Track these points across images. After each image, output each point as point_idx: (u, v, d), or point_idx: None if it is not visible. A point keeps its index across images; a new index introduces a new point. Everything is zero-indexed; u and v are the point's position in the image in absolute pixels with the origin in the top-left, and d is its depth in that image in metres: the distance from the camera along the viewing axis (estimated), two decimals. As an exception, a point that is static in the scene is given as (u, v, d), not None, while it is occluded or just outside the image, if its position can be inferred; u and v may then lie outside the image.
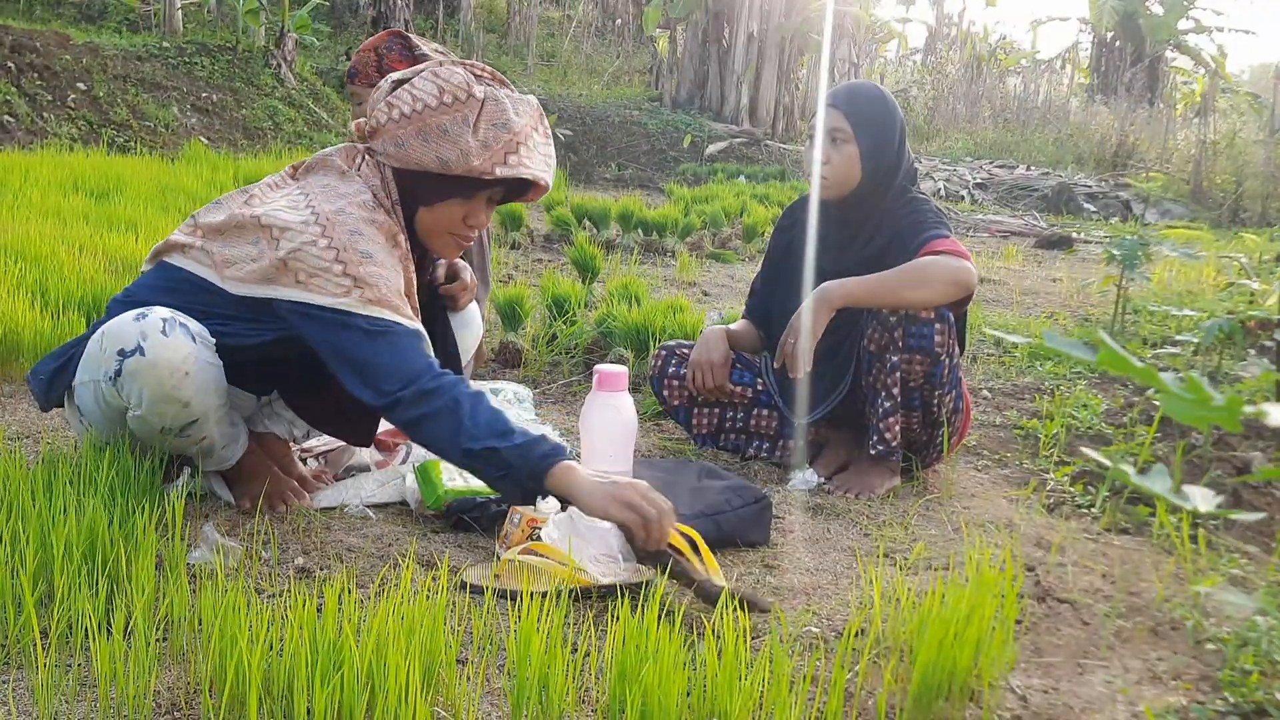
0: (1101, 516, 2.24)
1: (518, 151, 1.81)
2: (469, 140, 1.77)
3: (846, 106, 2.37)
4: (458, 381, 1.72)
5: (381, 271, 1.74)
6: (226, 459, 1.94)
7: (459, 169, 1.78)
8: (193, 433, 1.82)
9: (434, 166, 1.78)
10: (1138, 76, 19.11)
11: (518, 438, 1.66)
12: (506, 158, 1.79)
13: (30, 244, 3.60)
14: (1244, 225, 10.98)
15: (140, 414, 1.76)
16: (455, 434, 1.66)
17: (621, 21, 19.99)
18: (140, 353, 1.71)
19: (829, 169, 2.38)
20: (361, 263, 1.72)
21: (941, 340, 2.24)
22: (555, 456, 1.66)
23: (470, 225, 1.90)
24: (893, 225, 2.37)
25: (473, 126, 1.77)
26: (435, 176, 1.81)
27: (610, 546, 1.71)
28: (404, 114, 1.80)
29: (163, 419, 1.77)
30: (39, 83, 9.15)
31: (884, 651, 1.51)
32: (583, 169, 11.98)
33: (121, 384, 1.73)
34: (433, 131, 1.78)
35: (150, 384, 1.72)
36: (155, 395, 1.73)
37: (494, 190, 1.88)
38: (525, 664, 1.29)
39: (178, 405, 1.75)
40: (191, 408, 1.77)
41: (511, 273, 5.12)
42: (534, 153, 1.84)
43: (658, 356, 2.62)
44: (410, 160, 1.80)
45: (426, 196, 1.84)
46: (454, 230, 1.89)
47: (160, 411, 1.75)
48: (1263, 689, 1.47)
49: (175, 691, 1.31)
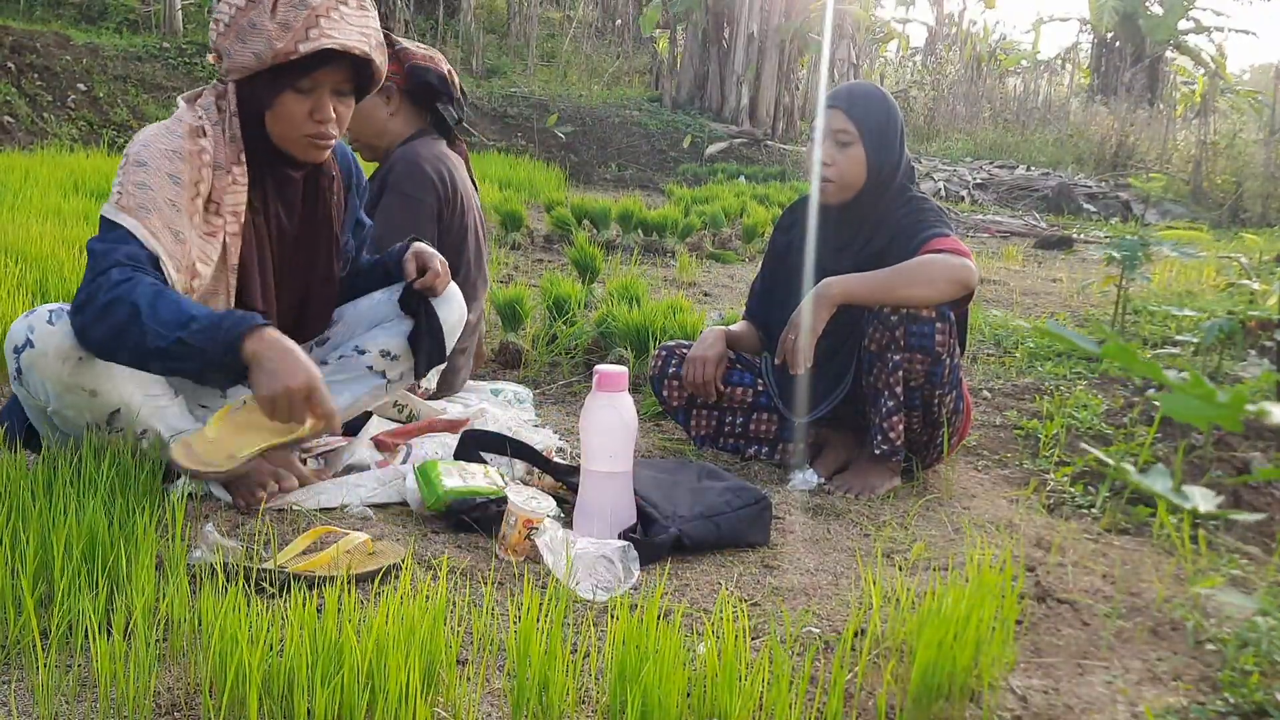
0: (1102, 517, 2.24)
1: (318, 24, 1.81)
2: (270, 25, 1.79)
3: (850, 108, 2.37)
4: (137, 283, 1.69)
5: (144, 182, 1.78)
6: (184, 438, 1.93)
7: (269, 57, 1.80)
8: (121, 424, 1.83)
9: (253, 64, 1.82)
10: (1138, 77, 19.11)
11: (202, 320, 1.67)
12: (308, 32, 1.80)
13: (30, 244, 3.60)
14: (1244, 225, 10.99)
15: (56, 409, 1.77)
16: (141, 339, 1.65)
17: (622, 22, 19.99)
18: (29, 345, 1.74)
19: (834, 171, 2.37)
20: (128, 175, 1.79)
21: (942, 339, 2.24)
22: (243, 325, 1.68)
23: (318, 120, 1.89)
24: (893, 224, 2.37)
25: (270, 11, 1.80)
26: (262, 75, 1.84)
27: (613, 575, 1.72)
28: (225, 24, 1.86)
29: (79, 412, 1.78)
30: (39, 83, 9.16)
31: (884, 652, 1.51)
32: (583, 169, 11.97)
33: (26, 381, 1.76)
34: (245, 30, 1.82)
35: (48, 374, 1.74)
36: (56, 386, 1.75)
37: (317, 74, 1.86)
38: (525, 664, 1.29)
39: (84, 394, 1.77)
40: (100, 396, 1.79)
41: (511, 273, 5.11)
42: (341, 23, 1.84)
43: (658, 357, 2.62)
44: (237, 66, 1.84)
45: (263, 99, 1.87)
46: (305, 130, 1.90)
47: (71, 403, 1.77)
48: (1263, 689, 1.47)
49: (175, 692, 1.31)
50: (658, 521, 1.90)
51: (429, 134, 2.74)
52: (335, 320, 2.23)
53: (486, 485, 2.00)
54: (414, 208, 2.58)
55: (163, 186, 1.81)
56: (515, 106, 12.94)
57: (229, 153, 1.89)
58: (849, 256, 2.39)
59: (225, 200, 1.89)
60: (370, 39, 1.88)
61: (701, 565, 1.87)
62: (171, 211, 1.81)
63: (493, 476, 2.05)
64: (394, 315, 2.22)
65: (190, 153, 1.85)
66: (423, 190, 2.59)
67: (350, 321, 2.24)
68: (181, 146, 1.85)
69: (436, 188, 2.61)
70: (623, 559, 1.74)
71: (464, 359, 2.79)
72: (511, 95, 13.25)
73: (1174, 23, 18.95)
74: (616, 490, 1.90)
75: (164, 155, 1.83)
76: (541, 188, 8.81)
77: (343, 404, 2.29)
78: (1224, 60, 19.82)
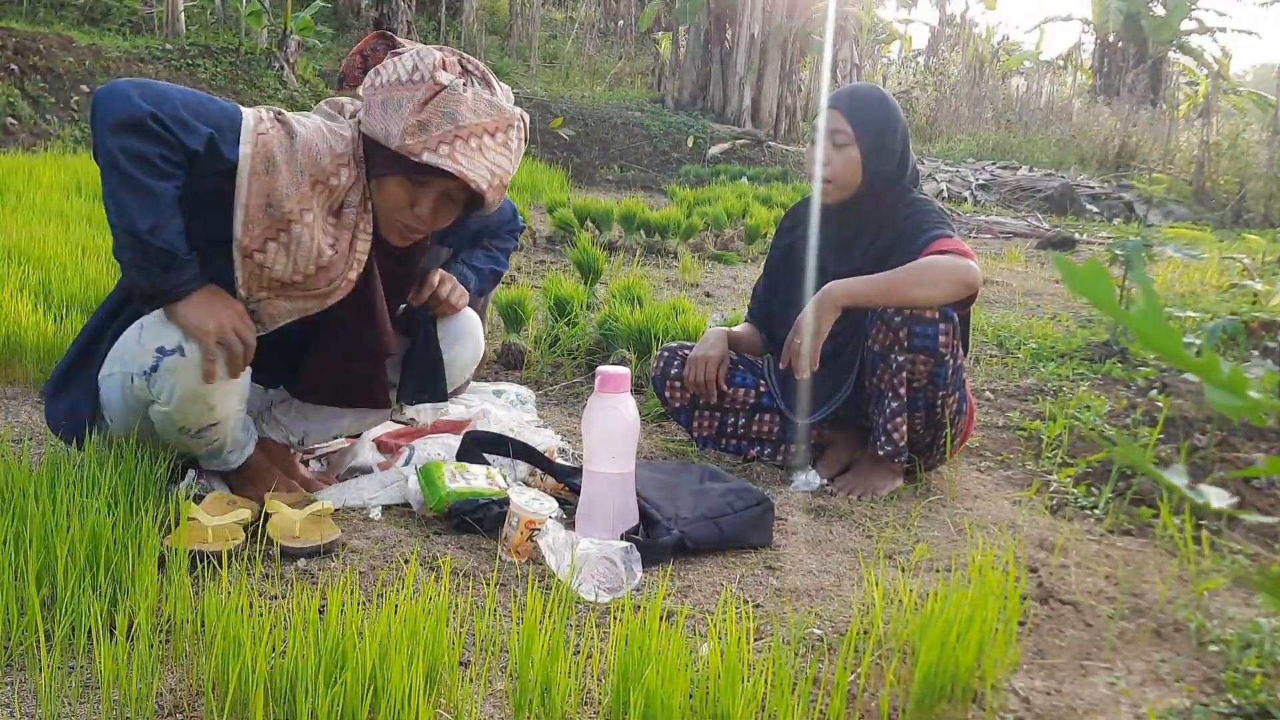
0: (1104, 518, 2.24)
1: (452, 144, 1.77)
2: (411, 118, 1.77)
3: (848, 109, 2.37)
4: (170, 180, 1.66)
5: (294, 132, 1.77)
6: (231, 462, 1.95)
7: (395, 143, 1.77)
8: (209, 435, 1.85)
9: (380, 136, 1.79)
10: (1140, 77, 19.10)
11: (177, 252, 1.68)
12: (439, 146, 1.77)
13: (33, 246, 3.60)
14: (1247, 226, 10.98)
15: (166, 410, 1.78)
16: (131, 217, 1.64)
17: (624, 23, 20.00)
18: (180, 353, 1.73)
19: (830, 171, 2.38)
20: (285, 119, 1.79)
21: (946, 340, 2.24)
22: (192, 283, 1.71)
23: (417, 215, 1.86)
24: (896, 227, 2.37)
25: (418, 106, 1.77)
26: (380, 147, 1.81)
27: (615, 576, 1.72)
28: (380, 83, 1.82)
29: (185, 419, 1.79)
30: (42, 85, 9.17)
31: (886, 653, 1.50)
32: (585, 170, 11.98)
33: (155, 379, 1.75)
34: (391, 104, 1.79)
35: (185, 383, 1.75)
36: (185, 394, 1.76)
37: (431, 179, 1.83)
38: (528, 666, 1.29)
39: (204, 406, 1.79)
40: (216, 411, 1.81)
41: (514, 274, 5.12)
42: (475, 154, 1.80)
43: (660, 358, 2.62)
44: (369, 126, 1.82)
45: (375, 166, 1.84)
46: (398, 214, 1.87)
47: (185, 411, 1.78)
48: (1266, 691, 1.46)
49: (178, 693, 1.32)
50: (660, 523, 1.90)
51: None
52: None
53: (489, 486, 2.01)
54: None
55: (301, 162, 1.78)
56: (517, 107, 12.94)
57: (360, 197, 1.86)
58: (852, 259, 2.38)
59: (357, 245, 1.87)
60: (496, 179, 1.84)
61: (704, 566, 1.87)
62: (293, 176, 1.76)
63: (495, 478, 2.06)
64: (401, 350, 2.15)
65: (336, 170, 1.81)
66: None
67: None
68: (334, 159, 1.81)
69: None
70: (625, 560, 1.74)
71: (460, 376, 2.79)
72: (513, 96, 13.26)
73: (1177, 23, 18.95)
74: (619, 491, 1.90)
75: (320, 144, 1.79)
76: (544, 189, 8.82)
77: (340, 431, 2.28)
78: (1227, 61, 19.81)
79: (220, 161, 1.70)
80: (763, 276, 2.66)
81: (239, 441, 1.95)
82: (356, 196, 1.84)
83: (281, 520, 1.79)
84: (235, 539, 1.73)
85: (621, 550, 1.75)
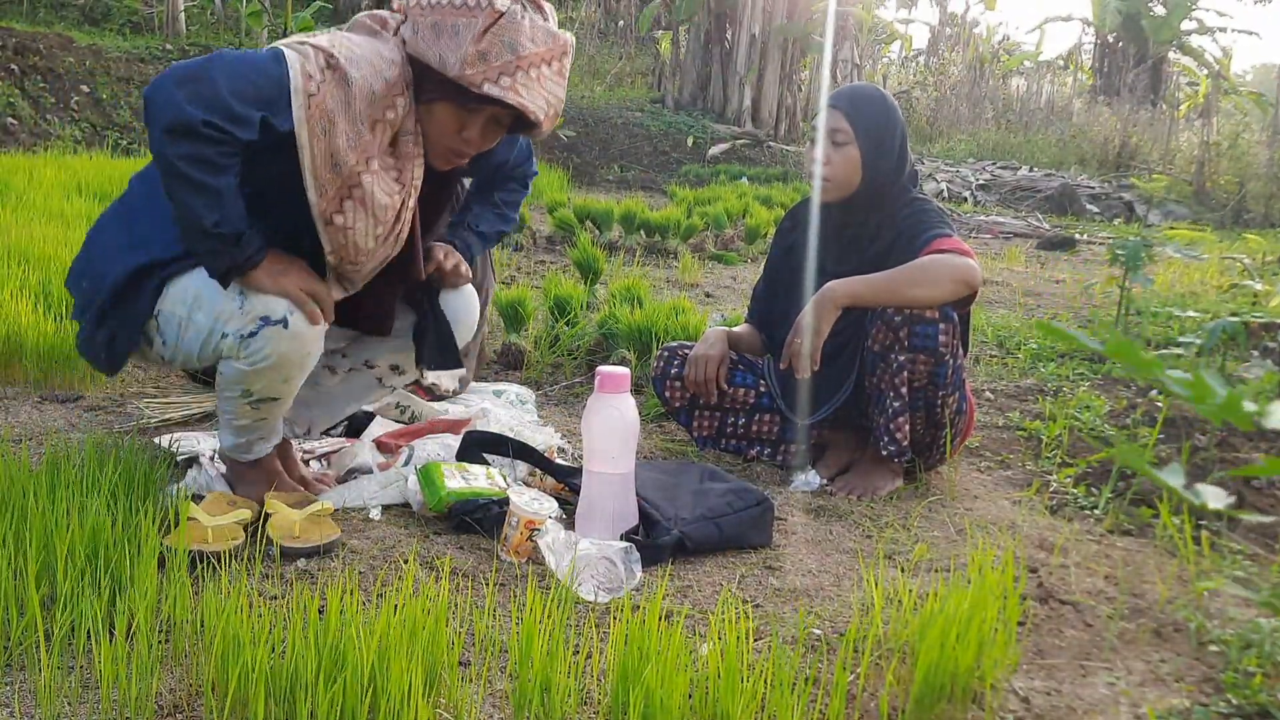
0: (1104, 518, 2.24)
1: (514, 75, 1.75)
2: (470, 47, 1.73)
3: (848, 108, 2.38)
4: (225, 173, 1.67)
5: (349, 77, 1.72)
6: (257, 452, 1.96)
7: (453, 72, 1.74)
8: (265, 409, 1.88)
9: (434, 63, 1.76)
10: (1140, 77, 19.11)
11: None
12: (500, 77, 1.74)
13: (34, 246, 3.60)
14: (1247, 226, 10.98)
15: (244, 369, 1.80)
16: (197, 213, 1.67)
17: (624, 23, 20.00)
18: (285, 325, 1.77)
19: (829, 169, 2.38)
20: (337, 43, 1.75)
21: (946, 340, 2.24)
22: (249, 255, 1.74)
23: (465, 139, 1.85)
24: (895, 226, 2.37)
25: (478, 35, 1.73)
26: (432, 72, 1.77)
27: (615, 576, 1.72)
28: (429, 2, 1.77)
29: (259, 384, 1.82)
30: (42, 85, 9.18)
31: (886, 653, 1.50)
32: (585, 171, 11.98)
33: (251, 343, 1.78)
34: (445, 29, 1.75)
35: (279, 352, 1.78)
36: (275, 363, 1.79)
37: (486, 108, 1.80)
38: (527, 666, 1.29)
39: (280, 380, 1.83)
40: (288, 385, 1.86)
41: (514, 274, 5.12)
42: (534, 84, 1.78)
43: (660, 358, 2.62)
44: (418, 49, 1.77)
45: (424, 91, 1.81)
46: (446, 139, 1.84)
47: (265, 378, 1.81)
48: (1266, 691, 1.46)
49: (177, 694, 1.32)
50: (659, 523, 1.90)
51: None
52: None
53: (488, 486, 2.01)
54: None
55: (359, 105, 1.74)
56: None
57: (414, 122, 1.82)
58: (852, 259, 2.39)
59: (415, 173, 1.85)
60: (552, 109, 1.83)
61: (703, 567, 1.87)
62: (351, 128, 1.73)
63: (495, 478, 2.06)
64: (405, 329, 2.16)
65: (392, 101, 1.77)
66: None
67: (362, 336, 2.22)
68: (388, 90, 1.76)
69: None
70: (625, 560, 1.74)
71: (467, 360, 2.79)
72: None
73: (1177, 23, 18.95)
74: (618, 491, 1.90)
75: (374, 80, 1.74)
76: (544, 189, 8.82)
77: (346, 414, 2.29)
78: (1227, 61, 19.81)
79: (277, 134, 1.69)
80: (763, 277, 2.66)
81: (276, 431, 1.96)
82: (411, 123, 1.82)
83: (281, 520, 1.79)
84: (235, 539, 1.73)
85: (621, 550, 1.75)
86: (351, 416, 2.45)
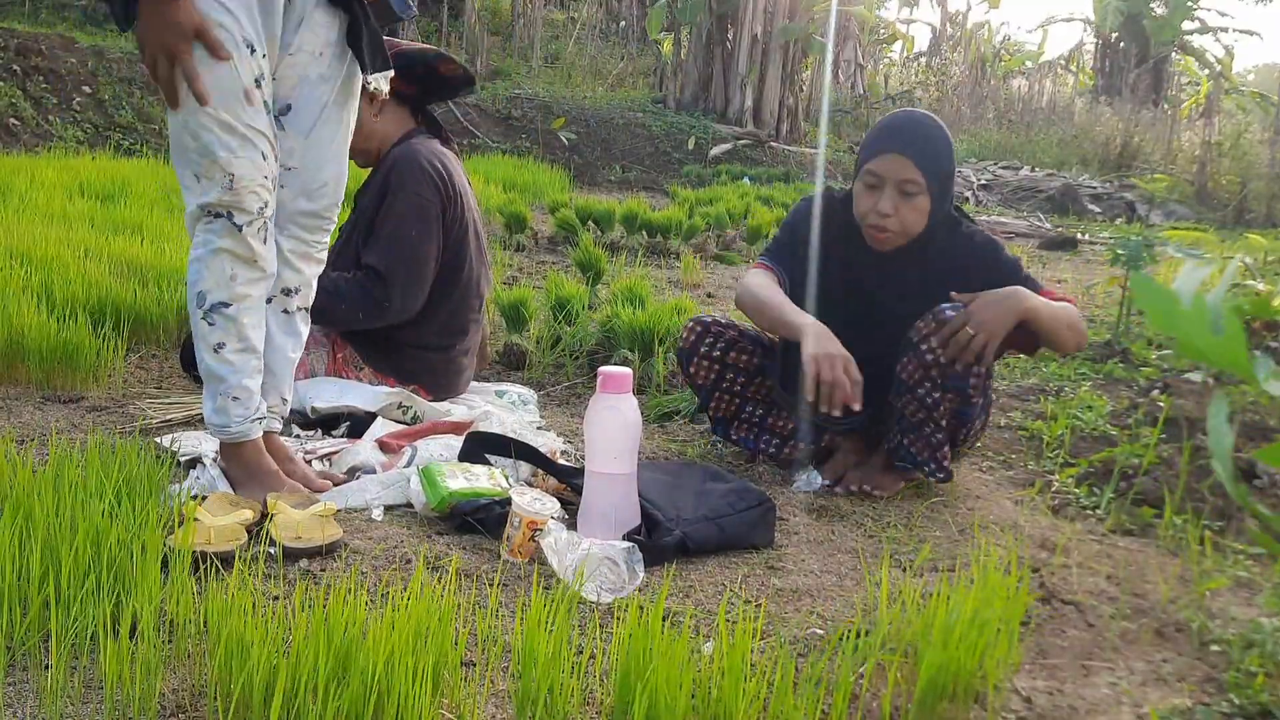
0: (1106, 518, 2.24)
1: None
2: None
3: (918, 157, 2.24)
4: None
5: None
6: (233, 421, 1.96)
7: None
8: (223, 331, 1.92)
9: None
10: (1142, 77, 19.10)
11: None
12: None
13: (36, 247, 3.60)
14: (1249, 226, 10.96)
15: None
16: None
17: (626, 24, 19.99)
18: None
19: (895, 222, 2.27)
20: None
21: (976, 383, 2.21)
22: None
23: None
24: (952, 257, 2.33)
25: None
26: None
27: (618, 577, 1.72)
28: None
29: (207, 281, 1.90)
30: (44, 86, 9.18)
31: (889, 653, 1.51)
32: (587, 171, 11.98)
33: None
34: None
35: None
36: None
37: None
38: (530, 666, 1.29)
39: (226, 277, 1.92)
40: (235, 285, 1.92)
41: (516, 274, 5.12)
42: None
43: (691, 330, 2.50)
44: None
45: None
46: None
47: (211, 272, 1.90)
48: (1268, 691, 1.47)
49: (181, 694, 1.32)
50: (662, 523, 1.90)
51: (421, 133, 2.74)
52: None
53: (491, 487, 2.01)
54: (420, 205, 2.58)
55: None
56: (519, 108, 12.93)
57: None
58: (911, 297, 2.30)
59: None
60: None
61: (706, 567, 1.87)
62: None
63: (497, 478, 2.06)
64: None
65: None
66: (426, 188, 2.59)
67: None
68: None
69: (438, 185, 2.61)
70: (627, 560, 1.74)
71: (468, 360, 2.79)
72: (515, 97, 13.24)
73: (1178, 23, 18.95)
74: (621, 492, 1.91)
75: None
76: (546, 189, 8.82)
77: None
78: (1229, 61, 19.80)
79: None
80: (788, 238, 2.52)
81: (251, 395, 1.96)
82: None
83: (284, 520, 1.79)
84: (238, 539, 1.73)
85: (624, 551, 1.75)
86: (353, 417, 2.45)
